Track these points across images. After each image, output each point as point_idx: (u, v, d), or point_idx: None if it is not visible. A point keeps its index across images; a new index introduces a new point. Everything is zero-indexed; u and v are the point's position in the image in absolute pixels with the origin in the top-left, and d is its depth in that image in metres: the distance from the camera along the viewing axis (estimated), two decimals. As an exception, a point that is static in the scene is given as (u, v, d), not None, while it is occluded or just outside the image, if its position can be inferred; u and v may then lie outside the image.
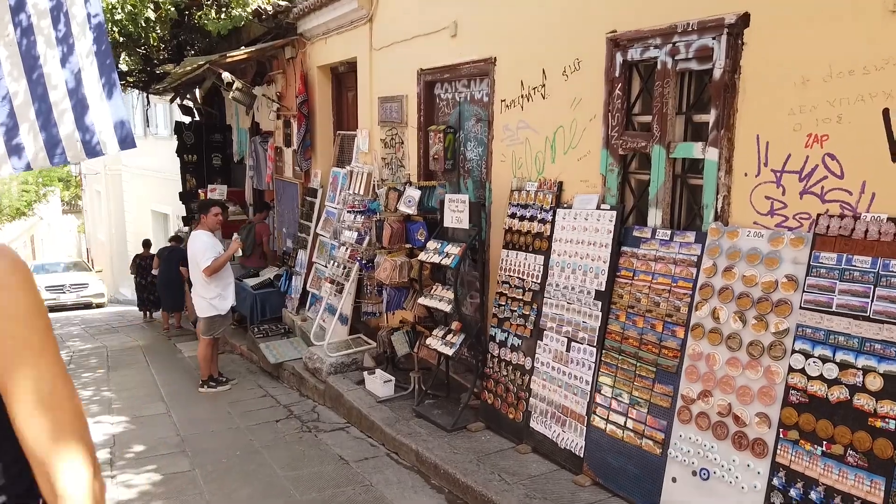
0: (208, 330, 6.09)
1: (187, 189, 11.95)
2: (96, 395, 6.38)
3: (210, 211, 6.12)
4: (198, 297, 6.00)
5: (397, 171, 5.75)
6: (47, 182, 26.76)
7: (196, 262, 5.86)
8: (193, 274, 5.99)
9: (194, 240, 5.96)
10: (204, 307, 5.98)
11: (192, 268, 6.00)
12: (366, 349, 5.81)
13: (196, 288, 6.02)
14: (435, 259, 4.22)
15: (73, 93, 6.02)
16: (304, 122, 7.49)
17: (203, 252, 5.82)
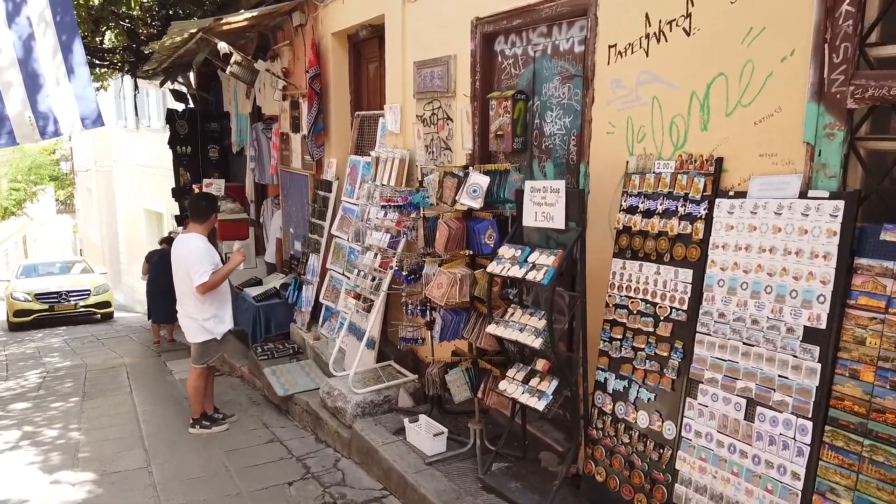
0: (201, 357, 4.84)
1: (181, 184, 10.72)
2: (62, 436, 5.13)
3: (217, 209, 4.88)
4: (187, 318, 4.76)
5: (440, 156, 4.50)
6: (38, 180, 25.50)
7: (187, 273, 4.61)
8: (181, 288, 4.74)
9: (185, 245, 4.70)
10: (195, 330, 4.76)
11: (179, 280, 4.74)
12: (400, 383, 4.56)
13: (185, 305, 4.76)
14: (515, 271, 2.98)
15: (23, 63, 4.77)
16: (315, 100, 6.23)
17: (199, 262, 4.55)
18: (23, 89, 4.47)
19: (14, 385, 7.28)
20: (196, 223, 4.80)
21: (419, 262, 3.86)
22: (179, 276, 4.72)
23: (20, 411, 6.02)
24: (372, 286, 4.51)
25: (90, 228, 21.01)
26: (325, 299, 6.29)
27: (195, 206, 4.89)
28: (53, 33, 4.68)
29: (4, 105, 4.40)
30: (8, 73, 4.43)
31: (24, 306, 12.57)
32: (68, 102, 4.71)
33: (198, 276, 4.51)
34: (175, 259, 4.76)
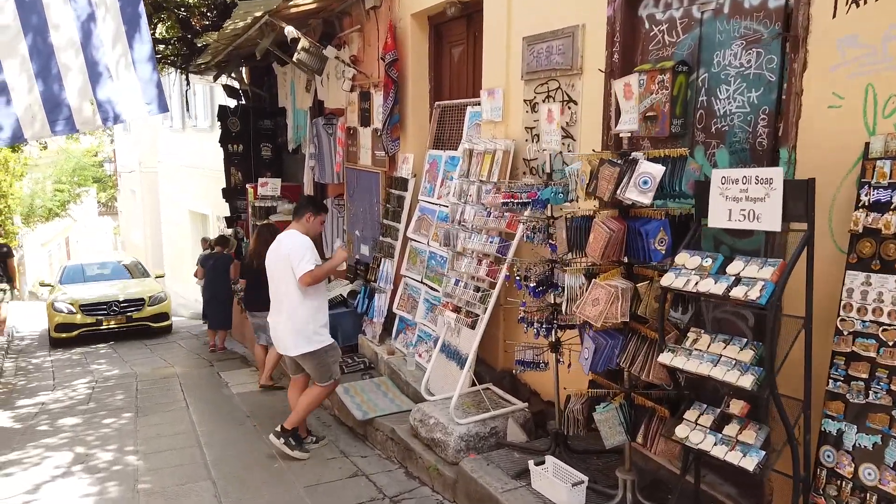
0: (328, 369, 4.29)
1: (232, 185, 10.27)
2: (118, 460, 4.59)
3: (322, 213, 4.39)
4: (291, 328, 4.14)
5: (556, 145, 3.82)
6: (82, 182, 25.66)
7: (289, 271, 4.08)
8: (281, 290, 4.17)
9: (285, 241, 4.20)
10: (304, 339, 4.17)
11: (280, 280, 4.17)
12: (508, 412, 3.89)
13: (289, 313, 4.13)
14: (709, 286, 2.29)
15: (84, 45, 4.26)
16: (392, 89, 5.63)
17: (302, 252, 4.06)
18: (83, 73, 3.98)
19: (62, 396, 6.85)
20: (295, 220, 4.34)
21: (546, 269, 3.20)
22: (280, 277, 4.17)
23: (70, 428, 5.53)
24: (476, 297, 3.85)
25: (133, 230, 20.92)
26: (400, 309, 5.67)
27: (296, 204, 4.53)
28: (117, 12, 4.18)
29: (64, 89, 3.90)
30: (67, 54, 3.94)
31: (68, 319, 10.37)
32: (132, 88, 4.21)
33: (302, 264, 4.02)
34: (274, 259, 4.24)
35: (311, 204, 4.42)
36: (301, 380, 4.48)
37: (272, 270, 4.27)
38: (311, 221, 4.30)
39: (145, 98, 4.27)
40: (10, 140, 3.80)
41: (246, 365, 7.83)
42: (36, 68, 3.77)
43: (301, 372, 4.43)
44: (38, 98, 3.80)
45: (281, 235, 4.33)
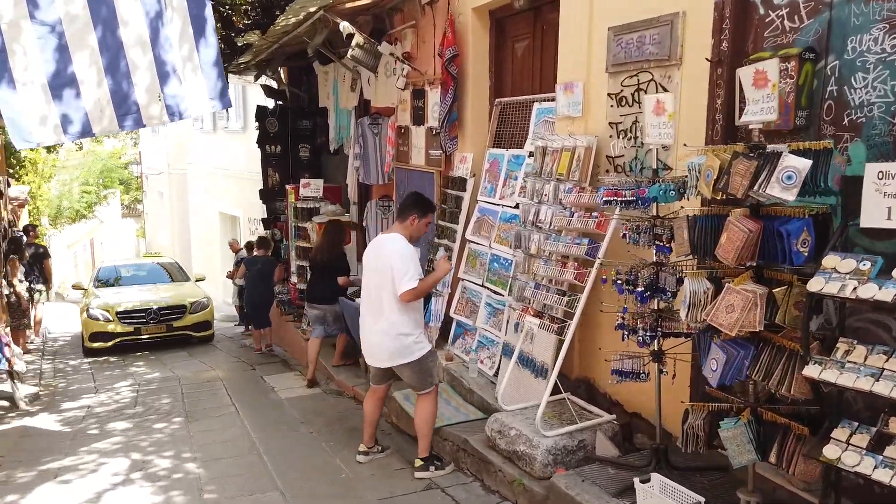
0: (428, 376, 4.02)
1: (269, 186, 10.15)
2: (177, 468, 4.44)
3: (430, 213, 4.15)
4: (392, 337, 3.90)
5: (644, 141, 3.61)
6: (108, 184, 25.83)
7: (390, 279, 3.83)
8: (380, 298, 3.89)
9: (388, 246, 3.92)
10: (405, 348, 3.92)
11: (378, 287, 3.90)
12: (594, 424, 3.67)
13: (389, 322, 3.89)
14: (872, 292, 2.07)
15: (153, 40, 4.13)
16: (451, 86, 5.44)
17: (406, 265, 3.79)
18: (151, 71, 3.86)
19: (107, 399, 6.73)
20: (398, 222, 4.07)
21: (653, 274, 2.98)
22: (380, 284, 3.89)
23: (121, 432, 5.40)
24: (563, 302, 3.64)
25: (160, 232, 20.96)
26: (458, 314, 5.48)
27: (401, 202, 4.24)
28: (185, 13, 4.06)
29: (132, 86, 3.78)
30: (135, 51, 3.82)
31: (103, 328, 9.56)
32: (198, 86, 4.08)
33: (406, 279, 3.74)
34: (373, 264, 3.97)
35: (418, 204, 4.08)
36: (382, 389, 4.26)
37: (370, 275, 3.99)
38: (415, 224, 3.99)
39: (210, 94, 4.14)
40: (79, 134, 3.68)
41: (288, 368, 7.68)
42: (105, 62, 3.64)
43: (385, 381, 4.20)
44: (108, 93, 3.68)
45: (383, 239, 4.04)
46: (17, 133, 3.54)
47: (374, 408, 4.31)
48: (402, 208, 4.11)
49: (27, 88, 3.52)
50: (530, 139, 4.95)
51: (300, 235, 8.34)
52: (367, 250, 4.12)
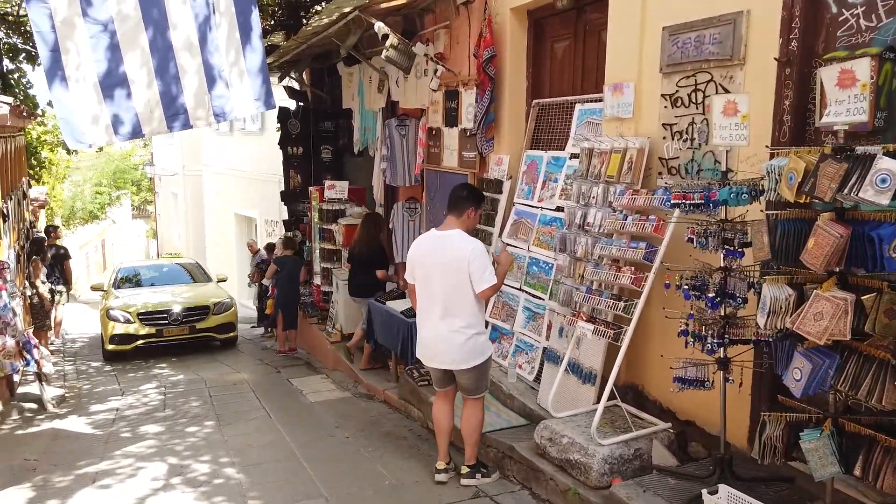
0: (484, 381, 3.94)
1: (291, 187, 10.12)
2: (217, 473, 4.38)
3: (482, 205, 4.05)
4: (465, 336, 3.74)
5: (704, 142, 3.54)
6: (120, 185, 25.90)
7: (464, 276, 3.69)
8: (452, 296, 3.73)
9: (457, 243, 3.77)
10: (477, 349, 3.80)
11: (450, 286, 3.72)
12: (650, 433, 3.59)
13: (463, 320, 3.73)
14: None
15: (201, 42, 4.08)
16: (488, 87, 5.38)
17: (483, 261, 3.70)
18: (200, 75, 3.83)
19: (134, 402, 6.69)
20: (454, 216, 3.89)
21: (721, 279, 2.90)
22: (451, 283, 3.73)
23: (154, 436, 5.35)
24: (620, 307, 3.56)
25: (173, 233, 20.97)
26: (494, 318, 5.41)
27: (452, 196, 3.99)
28: (233, 18, 4.02)
29: (181, 88, 3.74)
30: (184, 54, 3.79)
31: (124, 330, 9.23)
32: (243, 85, 4.04)
33: (487, 275, 3.65)
34: (439, 262, 3.77)
35: (473, 196, 3.95)
36: (453, 392, 4.04)
37: (431, 274, 3.79)
38: (471, 217, 3.90)
39: (255, 95, 4.10)
40: (130, 135, 3.63)
41: (314, 371, 7.62)
42: (155, 63, 3.61)
43: (452, 383, 4.00)
44: (157, 94, 3.64)
45: (444, 235, 3.85)
46: (70, 133, 3.50)
47: (448, 414, 4.02)
48: (455, 201, 3.92)
49: (79, 87, 3.47)
50: (572, 141, 4.88)
51: (325, 237, 8.29)
52: (421, 249, 3.91)
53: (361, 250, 6.76)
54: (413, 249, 3.99)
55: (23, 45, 10.02)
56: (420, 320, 3.94)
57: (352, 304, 7.69)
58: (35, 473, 4.62)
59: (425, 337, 3.90)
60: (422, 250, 3.91)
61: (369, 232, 6.80)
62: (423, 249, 3.91)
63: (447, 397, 4.04)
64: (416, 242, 4.03)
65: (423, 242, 3.97)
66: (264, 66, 4.10)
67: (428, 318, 3.85)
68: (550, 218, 4.96)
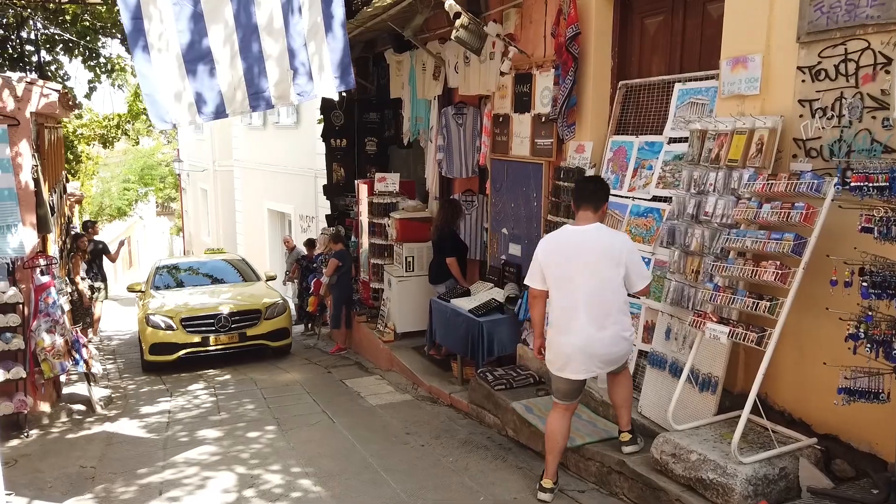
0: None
1: (334, 181, 9.80)
2: (292, 485, 4.04)
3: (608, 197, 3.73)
4: (621, 337, 3.52)
5: (856, 119, 3.11)
6: (148, 181, 25.85)
7: (618, 271, 3.43)
8: (606, 295, 3.45)
9: (609, 239, 3.50)
10: (628, 348, 3.64)
11: (604, 283, 3.44)
12: (793, 449, 3.17)
13: (618, 320, 3.49)
14: None
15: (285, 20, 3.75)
16: (571, 68, 4.97)
17: (639, 258, 3.55)
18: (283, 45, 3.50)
19: (185, 403, 6.39)
20: (591, 211, 3.56)
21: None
22: (602, 279, 3.42)
23: (214, 442, 5.03)
24: (762, 307, 3.14)
25: (201, 230, 20.81)
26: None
27: (584, 189, 3.66)
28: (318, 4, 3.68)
29: (264, 64, 3.41)
30: (268, 33, 3.48)
31: (166, 338, 7.99)
32: (324, 62, 3.71)
33: (645, 272, 3.53)
34: (588, 260, 3.44)
35: (605, 189, 3.68)
36: (573, 407, 3.72)
37: (576, 274, 3.44)
38: (605, 211, 3.68)
39: (335, 72, 3.75)
40: (213, 115, 3.32)
41: (366, 372, 7.29)
42: (239, 39, 3.28)
43: (578, 397, 3.70)
44: (241, 72, 3.35)
45: (589, 230, 3.52)
46: (155, 111, 3.21)
47: (566, 431, 3.67)
48: (590, 195, 3.58)
49: (161, 58, 3.16)
50: (671, 124, 4.47)
51: (375, 232, 7.94)
52: (556, 249, 3.55)
53: (434, 235, 6.76)
54: (544, 250, 3.61)
55: (60, 37, 9.80)
56: (559, 328, 3.55)
57: (406, 302, 7.36)
58: (94, 482, 4.33)
59: (568, 344, 3.50)
60: (558, 250, 3.54)
61: (444, 217, 6.61)
62: (559, 249, 3.54)
63: (568, 411, 3.67)
64: (548, 242, 3.65)
65: (557, 241, 3.60)
66: (346, 42, 3.76)
67: (571, 325, 3.48)
68: (645, 209, 4.55)
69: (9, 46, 9.68)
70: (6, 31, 9.60)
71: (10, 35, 9.67)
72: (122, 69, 10.10)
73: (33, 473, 4.55)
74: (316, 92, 3.72)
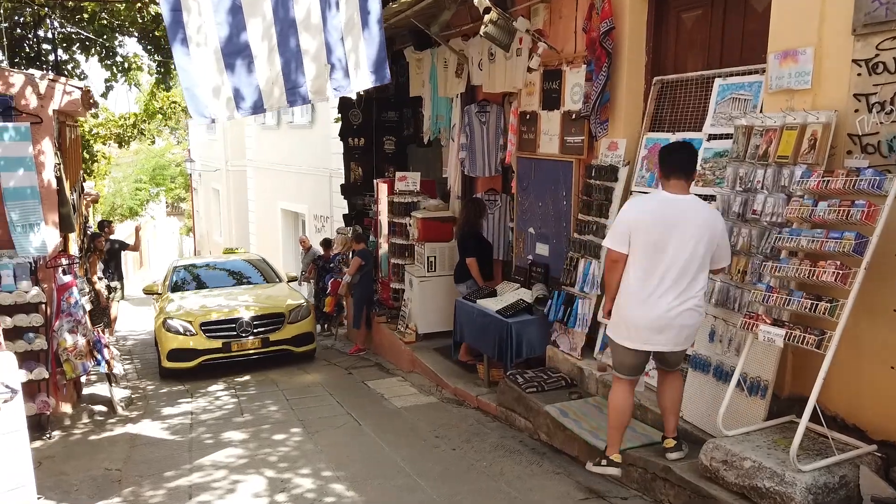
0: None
1: (352, 180, 9.71)
2: (324, 489, 3.94)
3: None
4: (697, 314, 3.43)
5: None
6: (159, 182, 25.88)
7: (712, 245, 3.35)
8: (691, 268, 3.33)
9: (707, 211, 3.40)
10: (699, 321, 3.52)
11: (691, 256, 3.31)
12: (853, 456, 3.05)
13: (696, 294, 3.37)
14: None
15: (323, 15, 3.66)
16: (605, 63, 4.86)
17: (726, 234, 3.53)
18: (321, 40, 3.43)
19: (207, 405, 6.32)
20: (683, 180, 3.40)
21: None
22: (692, 254, 3.30)
23: (241, 444, 4.95)
24: (822, 309, 3.02)
25: (213, 230, 20.79)
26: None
27: (677, 158, 3.44)
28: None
29: (302, 59, 3.34)
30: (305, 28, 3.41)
31: (185, 343, 7.56)
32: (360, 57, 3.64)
33: (729, 251, 3.50)
34: (686, 231, 3.29)
35: (695, 158, 3.59)
36: (636, 381, 3.62)
37: (671, 242, 3.29)
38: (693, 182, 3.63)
39: (370, 67, 3.67)
40: (251, 110, 3.25)
41: (387, 373, 7.19)
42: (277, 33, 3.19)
43: (642, 372, 3.63)
44: (279, 67, 3.28)
45: (687, 200, 3.37)
46: (195, 106, 3.13)
47: (632, 405, 3.59)
48: (683, 164, 3.41)
49: (200, 52, 3.09)
50: (710, 120, 4.36)
51: (395, 231, 7.85)
52: (652, 212, 3.36)
53: (456, 234, 6.76)
54: (636, 214, 3.41)
55: (77, 35, 9.76)
56: (636, 296, 3.38)
57: (428, 303, 7.26)
58: (121, 485, 4.26)
59: (643, 316, 3.36)
60: (653, 217, 3.36)
61: (465, 215, 6.58)
62: (654, 216, 3.36)
63: (632, 386, 3.58)
64: (640, 207, 3.47)
65: (652, 209, 3.40)
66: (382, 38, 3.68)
67: (651, 294, 3.33)
68: (684, 208, 4.43)
69: (26, 45, 9.65)
70: (23, 29, 9.57)
71: (27, 34, 9.65)
72: (138, 68, 10.04)
73: (58, 476, 4.49)
74: (352, 87, 3.64)
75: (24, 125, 5.38)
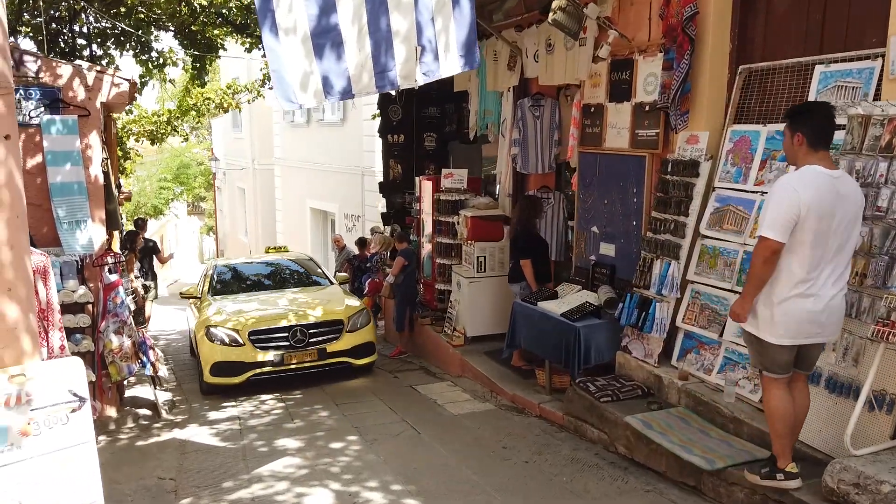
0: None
1: (391, 178, 9.47)
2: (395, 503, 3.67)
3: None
4: (845, 297, 3.20)
5: None
6: (183, 180, 25.85)
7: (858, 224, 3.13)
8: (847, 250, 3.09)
9: (858, 188, 3.14)
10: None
11: (846, 237, 3.05)
12: None
13: (841, 281, 3.12)
14: None
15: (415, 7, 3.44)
16: (688, 51, 4.55)
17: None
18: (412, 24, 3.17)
19: (254, 409, 6.09)
20: (823, 152, 3.06)
21: None
22: (848, 237, 3.06)
23: (297, 452, 4.70)
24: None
25: (238, 229, 20.69)
26: (687, 323, 4.60)
27: (821, 121, 3.09)
28: None
29: (392, 45, 3.09)
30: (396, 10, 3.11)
31: (232, 355, 6.56)
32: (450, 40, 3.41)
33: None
34: (850, 212, 3.03)
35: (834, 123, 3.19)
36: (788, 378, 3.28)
37: (839, 227, 3.00)
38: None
39: (460, 51, 3.42)
40: (340, 96, 3.04)
41: (433, 377, 6.92)
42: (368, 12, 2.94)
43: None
44: (368, 52, 3.05)
45: (843, 176, 3.10)
46: (283, 92, 2.93)
47: (792, 405, 3.22)
48: (828, 130, 3.09)
49: (289, 38, 2.88)
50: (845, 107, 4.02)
51: (442, 230, 7.58)
52: (826, 194, 2.97)
53: (511, 233, 6.61)
54: (812, 191, 2.97)
55: (111, 30, 9.61)
56: (798, 289, 3.04)
57: (477, 304, 6.98)
58: (177, 497, 4.03)
59: (805, 310, 3.04)
60: (822, 199, 2.97)
61: (518, 214, 6.38)
62: (823, 198, 2.97)
63: (786, 384, 3.23)
64: (810, 182, 2.99)
65: (819, 186, 2.98)
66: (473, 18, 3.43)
67: (822, 284, 3.04)
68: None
69: (60, 40, 9.52)
70: (59, 24, 9.44)
71: (62, 28, 9.52)
72: (173, 63, 9.87)
73: (110, 485, 4.24)
74: (441, 72, 3.39)
75: (71, 118, 5.20)
